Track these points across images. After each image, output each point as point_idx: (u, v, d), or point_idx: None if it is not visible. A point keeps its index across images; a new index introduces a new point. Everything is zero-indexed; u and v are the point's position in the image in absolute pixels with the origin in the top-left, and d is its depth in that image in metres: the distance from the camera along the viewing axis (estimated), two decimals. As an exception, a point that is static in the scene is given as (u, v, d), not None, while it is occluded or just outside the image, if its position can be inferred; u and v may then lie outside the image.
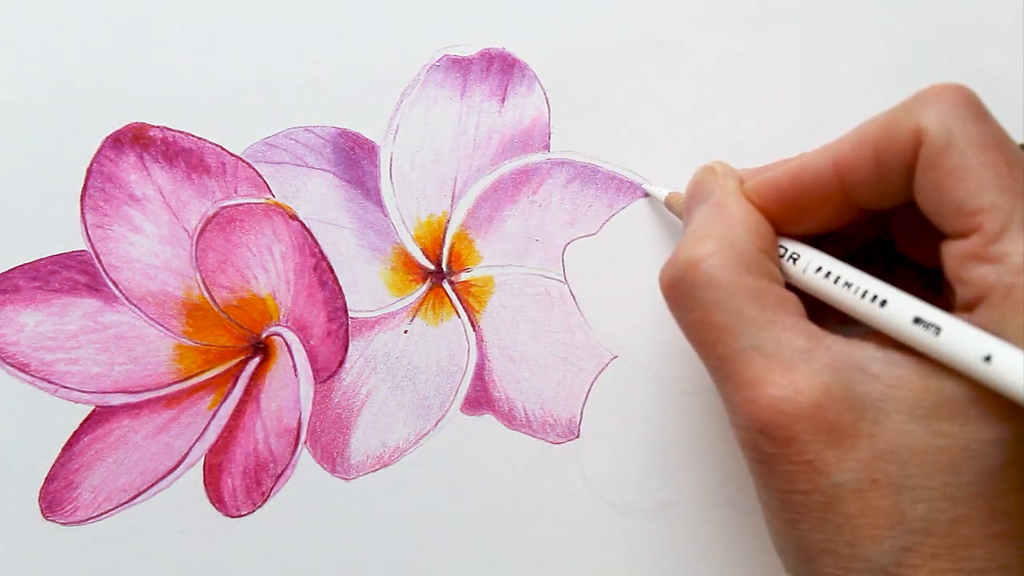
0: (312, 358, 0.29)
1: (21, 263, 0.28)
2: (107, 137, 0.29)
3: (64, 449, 0.28)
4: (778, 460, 0.21)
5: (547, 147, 0.30)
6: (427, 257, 0.30)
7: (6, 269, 0.28)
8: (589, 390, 0.30)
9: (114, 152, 0.29)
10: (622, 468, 0.30)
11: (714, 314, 0.23)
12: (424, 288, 0.30)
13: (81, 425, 0.28)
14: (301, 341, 0.29)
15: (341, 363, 0.29)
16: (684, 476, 0.30)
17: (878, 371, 0.22)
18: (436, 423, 0.29)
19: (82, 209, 0.29)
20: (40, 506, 0.28)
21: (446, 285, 0.30)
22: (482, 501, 0.29)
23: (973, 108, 0.22)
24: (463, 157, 0.30)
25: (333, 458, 0.29)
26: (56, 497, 0.28)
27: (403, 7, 0.29)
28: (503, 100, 0.30)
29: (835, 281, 0.23)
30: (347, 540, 0.29)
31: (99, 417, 0.29)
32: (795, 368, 0.21)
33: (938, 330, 0.21)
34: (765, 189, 0.25)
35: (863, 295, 0.23)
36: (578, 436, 0.30)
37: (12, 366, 0.28)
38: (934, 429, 0.21)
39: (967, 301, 0.21)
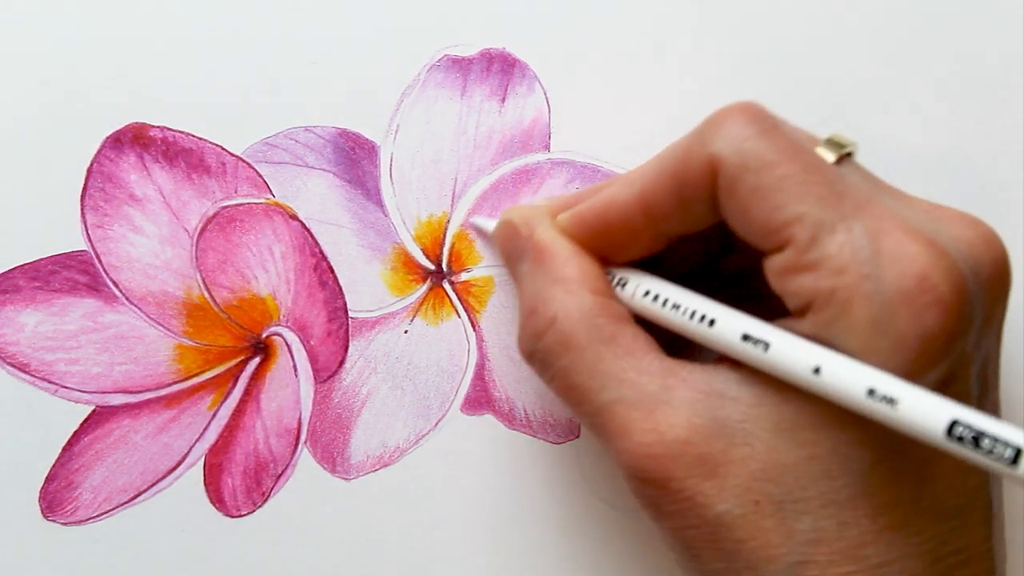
0: (312, 358, 0.29)
1: (21, 263, 0.28)
2: (107, 137, 0.29)
3: (64, 449, 0.28)
4: (662, 502, 0.22)
5: (547, 147, 0.30)
6: (427, 257, 0.30)
7: (6, 269, 0.28)
8: (589, 390, 0.30)
9: (114, 152, 0.29)
10: (622, 468, 0.30)
11: (572, 377, 0.23)
12: (424, 288, 0.30)
13: (81, 425, 0.28)
14: (301, 341, 0.29)
15: (341, 363, 0.29)
16: (684, 476, 0.30)
17: (735, 393, 0.22)
18: (436, 423, 0.29)
19: (82, 209, 0.29)
20: (40, 506, 0.28)
21: (446, 285, 0.30)
22: (482, 501, 0.29)
23: (762, 124, 0.22)
24: (463, 157, 0.30)
25: (333, 458, 0.29)
26: (56, 497, 0.28)
27: (403, 7, 0.29)
28: (503, 100, 0.30)
29: (663, 304, 0.23)
30: (347, 540, 0.29)
31: (99, 417, 0.29)
32: (656, 410, 0.22)
33: (767, 346, 0.21)
34: (575, 226, 0.25)
35: (691, 315, 0.23)
36: (578, 436, 0.30)
37: (12, 366, 0.28)
38: (800, 440, 0.21)
39: (797, 310, 0.21)
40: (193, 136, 0.29)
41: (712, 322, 0.22)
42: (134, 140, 0.29)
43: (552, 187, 0.30)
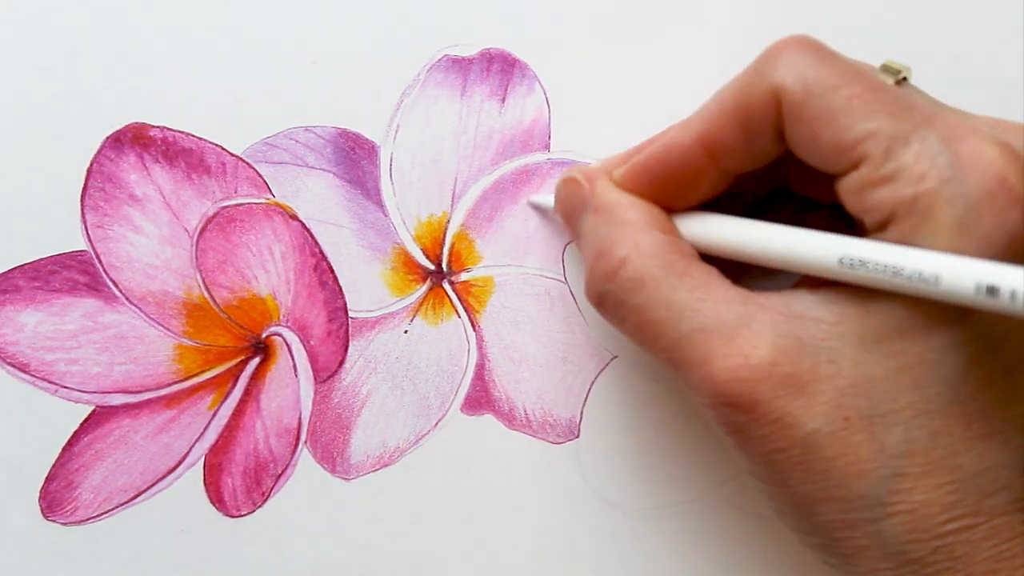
0: (312, 358, 0.29)
1: (21, 263, 0.28)
2: (107, 137, 0.29)
3: (64, 449, 0.28)
4: (750, 426, 0.22)
5: (547, 147, 0.30)
6: (427, 257, 0.30)
7: (6, 269, 0.28)
8: (589, 390, 0.30)
9: (114, 152, 0.29)
10: (622, 468, 0.30)
11: (647, 312, 0.23)
12: (424, 288, 0.30)
13: (81, 425, 0.28)
14: (301, 341, 0.29)
15: (341, 363, 0.29)
16: (684, 476, 0.30)
17: (816, 313, 0.22)
18: (436, 423, 0.29)
19: (82, 209, 0.29)
20: (40, 506, 0.28)
21: (446, 285, 0.30)
22: (482, 501, 0.29)
23: (819, 52, 0.22)
24: (463, 157, 0.30)
25: (333, 458, 0.29)
26: (56, 497, 0.28)
27: (403, 7, 0.29)
28: (503, 100, 0.30)
29: (747, 240, 0.23)
30: (347, 540, 0.29)
31: (99, 417, 0.29)
32: (737, 335, 0.22)
33: (863, 262, 0.21)
34: (636, 175, 0.25)
35: (780, 244, 0.23)
36: (578, 436, 0.30)
37: (12, 366, 0.28)
38: (887, 352, 0.21)
39: (877, 225, 0.21)
40: (193, 136, 0.29)
41: (805, 246, 0.22)
42: (134, 140, 0.29)
43: (552, 187, 0.30)
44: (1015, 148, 0.21)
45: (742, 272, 0.24)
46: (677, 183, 0.24)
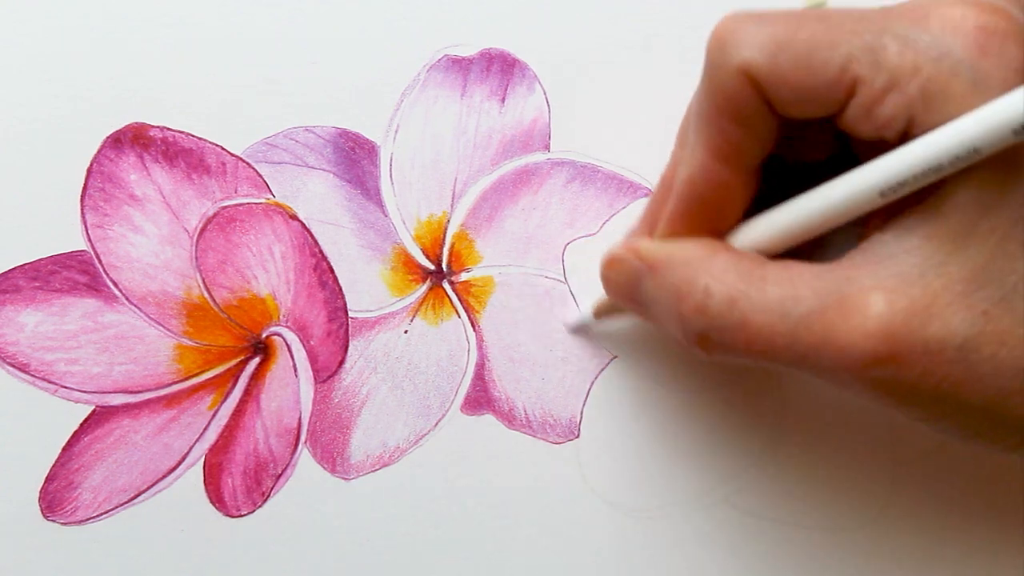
0: (312, 358, 0.29)
1: (21, 263, 0.28)
2: (107, 137, 0.29)
3: (64, 449, 0.28)
4: (904, 374, 0.21)
5: (547, 147, 0.30)
6: (427, 257, 0.30)
7: (6, 269, 0.28)
8: (589, 390, 0.30)
9: (114, 152, 0.29)
10: (622, 468, 0.30)
11: (751, 324, 0.23)
12: (424, 288, 0.30)
13: (81, 425, 0.28)
14: (301, 341, 0.29)
15: (341, 363, 0.29)
16: (684, 476, 0.30)
17: (900, 246, 0.22)
18: (436, 423, 0.29)
19: (82, 209, 0.29)
20: (40, 506, 0.28)
21: (446, 285, 0.30)
22: (482, 501, 0.29)
23: (757, 17, 0.22)
24: (463, 157, 0.30)
25: (333, 458, 0.29)
26: (56, 497, 0.28)
27: (403, 7, 0.29)
28: (503, 100, 0.30)
29: (793, 220, 0.23)
30: (347, 540, 0.29)
31: (99, 417, 0.29)
32: (845, 301, 0.22)
33: (902, 183, 0.21)
34: (676, 223, 0.25)
35: (824, 207, 0.23)
36: (578, 436, 0.30)
37: (12, 366, 0.28)
38: (981, 235, 0.21)
39: (900, 135, 0.21)
40: (193, 136, 0.29)
41: (838, 200, 0.22)
42: (134, 140, 0.29)
43: (552, 187, 0.30)
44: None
45: (812, 253, 0.24)
46: (715, 209, 0.24)
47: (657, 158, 0.30)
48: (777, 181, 0.25)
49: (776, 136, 0.23)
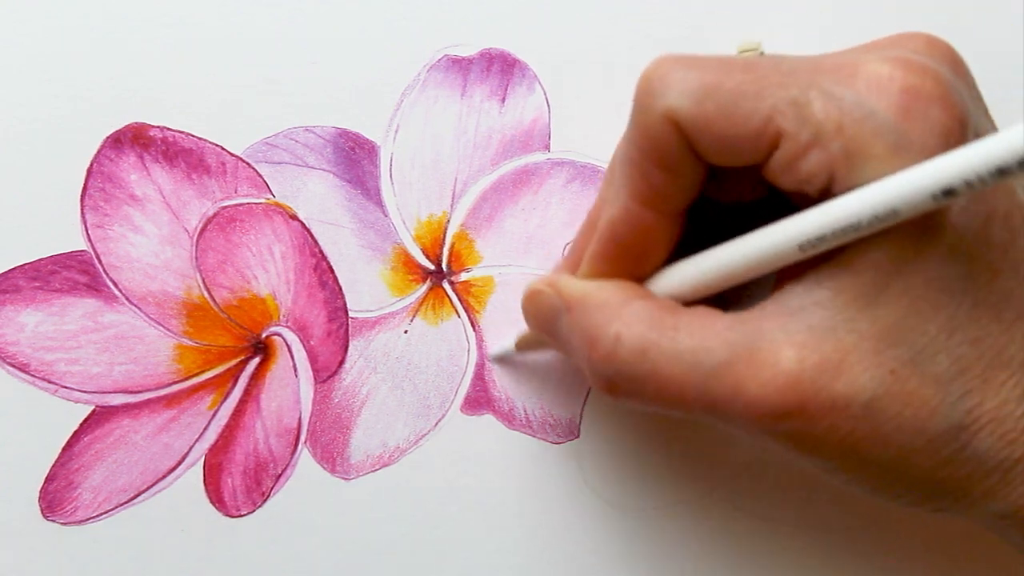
0: (312, 358, 0.29)
1: (21, 263, 0.28)
2: (107, 137, 0.29)
3: (64, 449, 0.28)
4: (810, 428, 0.21)
5: (547, 147, 0.30)
6: (427, 257, 0.30)
7: (6, 269, 0.28)
8: (589, 390, 0.30)
9: (114, 152, 0.29)
10: (622, 468, 0.30)
11: (662, 374, 0.23)
12: (424, 288, 0.30)
13: (81, 425, 0.28)
14: (301, 341, 0.29)
15: (341, 363, 0.29)
16: (684, 476, 0.30)
17: (812, 299, 0.22)
18: (436, 423, 0.29)
19: (82, 209, 0.29)
20: (40, 506, 0.28)
21: (446, 285, 0.30)
22: (482, 501, 0.29)
23: (686, 61, 0.22)
24: (463, 157, 0.30)
25: (333, 458, 0.29)
26: (56, 497, 0.28)
27: (403, 7, 0.29)
28: (503, 100, 0.30)
29: (710, 269, 0.23)
30: (347, 540, 0.29)
31: (99, 417, 0.29)
32: (756, 353, 0.21)
33: (821, 238, 0.21)
34: (597, 263, 0.25)
35: (741, 259, 0.23)
36: (578, 436, 0.30)
37: (12, 366, 0.28)
38: (894, 294, 0.21)
39: (821, 191, 0.21)
40: (193, 136, 0.29)
41: (755, 252, 0.22)
42: (134, 140, 0.29)
43: (552, 187, 0.30)
44: (902, 56, 0.21)
45: (727, 301, 0.24)
46: (637, 252, 0.24)
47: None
48: (705, 220, 0.25)
49: (702, 182, 0.23)
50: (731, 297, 0.24)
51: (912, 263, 0.21)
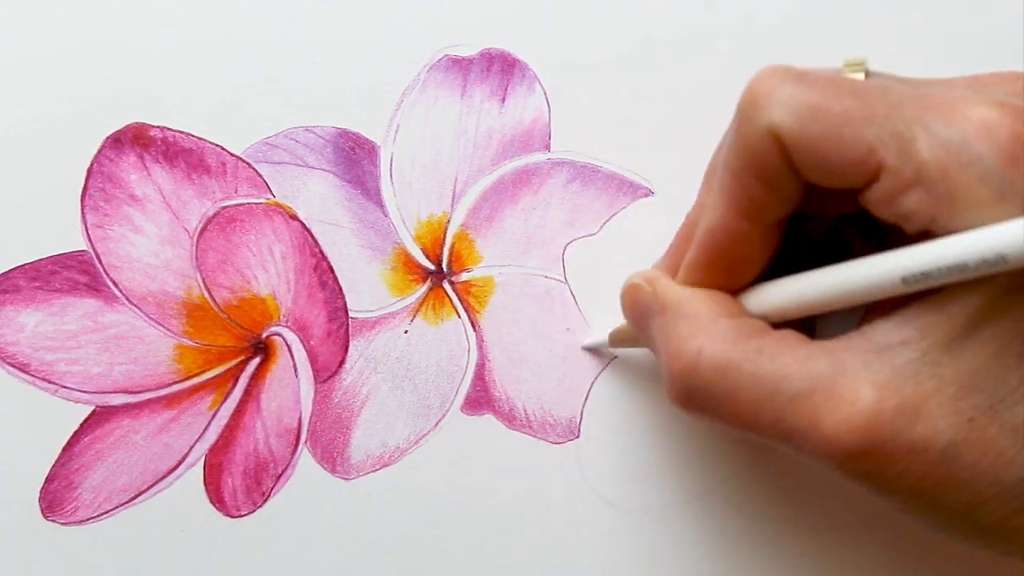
0: (312, 358, 0.29)
1: (21, 263, 0.28)
2: (107, 137, 0.29)
3: (64, 449, 0.28)
4: (885, 469, 0.21)
5: (547, 147, 0.30)
6: (427, 257, 0.30)
7: (6, 269, 0.28)
8: (589, 390, 0.30)
9: (114, 152, 0.29)
10: (622, 468, 0.30)
11: (739, 396, 0.23)
12: (424, 288, 0.30)
13: (81, 425, 0.28)
14: (301, 341, 0.29)
15: (341, 363, 0.29)
16: (684, 476, 0.30)
17: (900, 336, 0.22)
18: (436, 423, 0.29)
19: (82, 209, 0.29)
20: (40, 506, 0.28)
21: (446, 285, 0.30)
22: (482, 501, 0.29)
23: (795, 77, 0.22)
24: (463, 157, 0.30)
25: (333, 458, 0.29)
26: (56, 497, 0.28)
27: (403, 7, 0.29)
28: (503, 100, 0.30)
29: (807, 293, 0.23)
30: (347, 540, 0.29)
31: (99, 417, 0.29)
32: (835, 387, 0.21)
33: (926, 275, 0.21)
34: (694, 270, 0.25)
35: (840, 286, 0.22)
36: (578, 436, 0.30)
37: (12, 366, 0.28)
38: (980, 341, 0.21)
39: (920, 231, 0.21)
40: (193, 136, 0.29)
41: (857, 280, 0.22)
42: (134, 140, 0.29)
43: (552, 187, 0.30)
44: (1009, 101, 0.21)
45: (815, 322, 0.24)
46: (734, 261, 0.24)
47: (657, 158, 0.30)
48: (799, 230, 0.25)
49: (800, 196, 0.23)
50: (817, 318, 0.24)
51: (1003, 310, 0.21)
